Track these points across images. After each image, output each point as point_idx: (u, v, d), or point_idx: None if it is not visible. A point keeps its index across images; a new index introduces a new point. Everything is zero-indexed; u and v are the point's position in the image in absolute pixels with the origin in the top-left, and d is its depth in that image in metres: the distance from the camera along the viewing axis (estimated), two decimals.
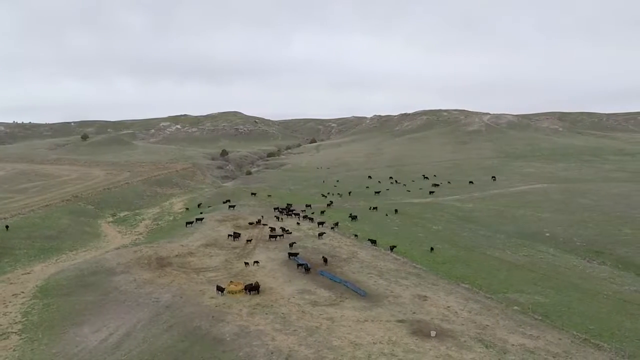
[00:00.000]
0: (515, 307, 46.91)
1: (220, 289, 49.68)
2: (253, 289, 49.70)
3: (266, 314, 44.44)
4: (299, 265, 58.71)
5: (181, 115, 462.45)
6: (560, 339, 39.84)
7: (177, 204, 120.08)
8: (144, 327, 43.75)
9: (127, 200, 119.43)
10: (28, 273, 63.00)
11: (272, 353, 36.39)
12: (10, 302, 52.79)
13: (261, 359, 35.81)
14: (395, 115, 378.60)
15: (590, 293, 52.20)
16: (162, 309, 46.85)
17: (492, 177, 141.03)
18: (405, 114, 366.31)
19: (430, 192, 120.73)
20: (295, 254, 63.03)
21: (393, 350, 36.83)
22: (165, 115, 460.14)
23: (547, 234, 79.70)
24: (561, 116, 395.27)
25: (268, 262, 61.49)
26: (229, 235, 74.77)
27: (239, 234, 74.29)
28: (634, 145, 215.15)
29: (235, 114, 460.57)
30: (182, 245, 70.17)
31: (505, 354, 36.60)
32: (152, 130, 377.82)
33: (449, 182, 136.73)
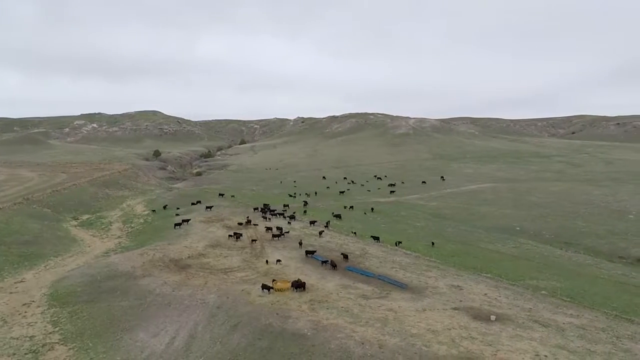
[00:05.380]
0: (544, 292, 52.08)
1: (266, 287, 49.60)
2: (299, 286, 50.20)
3: (327, 308, 45.24)
4: (323, 262, 59.79)
5: (96, 114, 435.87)
6: (596, 316, 45.19)
7: (137, 206, 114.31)
8: (205, 328, 42.83)
9: (84, 202, 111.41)
10: (21, 281, 58.02)
11: (362, 344, 37.54)
12: (25, 312, 48.90)
13: (355, 349, 36.84)
14: (323, 118, 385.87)
15: (590, 277, 59.10)
16: (214, 309, 45.87)
17: (441, 177, 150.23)
18: (333, 116, 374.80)
19: (391, 192, 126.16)
20: (313, 252, 64.02)
21: (469, 333, 39.64)
22: (77, 114, 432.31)
23: (518, 228, 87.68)
24: (473, 121, 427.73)
25: (288, 261, 61.77)
26: (229, 235, 73.65)
27: (240, 234, 73.45)
28: (546, 149, 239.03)
29: (155, 113, 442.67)
30: (187, 247, 68.13)
31: (563, 331, 40.95)
32: (67, 129, 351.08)
33: (402, 182, 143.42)
